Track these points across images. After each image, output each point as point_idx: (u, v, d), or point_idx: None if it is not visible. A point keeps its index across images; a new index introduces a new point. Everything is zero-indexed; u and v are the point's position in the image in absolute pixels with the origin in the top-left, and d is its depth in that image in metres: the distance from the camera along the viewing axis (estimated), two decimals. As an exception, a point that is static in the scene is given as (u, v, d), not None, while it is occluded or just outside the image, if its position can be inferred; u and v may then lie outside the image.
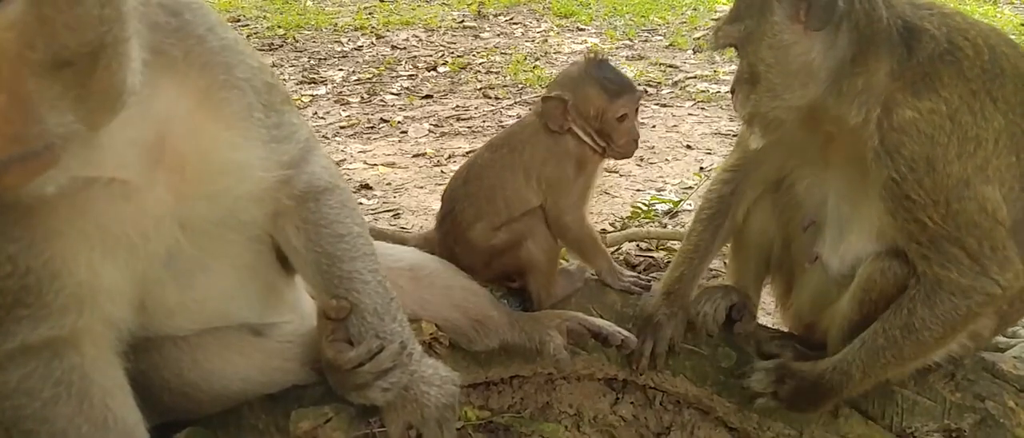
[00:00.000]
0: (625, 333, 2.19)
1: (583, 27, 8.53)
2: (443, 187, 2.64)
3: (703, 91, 6.37)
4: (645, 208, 4.11)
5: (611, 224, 4.01)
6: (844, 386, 1.95)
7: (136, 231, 1.48)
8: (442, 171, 4.89)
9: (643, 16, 8.89)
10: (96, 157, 1.35)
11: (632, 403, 2.36)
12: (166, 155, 1.47)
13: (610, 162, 5.39)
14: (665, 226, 4.01)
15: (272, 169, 1.62)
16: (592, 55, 2.38)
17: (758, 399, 2.09)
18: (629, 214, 4.07)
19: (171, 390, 1.71)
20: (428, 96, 6.45)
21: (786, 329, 2.38)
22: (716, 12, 8.56)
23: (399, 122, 5.81)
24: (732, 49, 2.00)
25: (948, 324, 1.83)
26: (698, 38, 7.80)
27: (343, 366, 1.63)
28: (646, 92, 6.51)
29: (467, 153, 5.21)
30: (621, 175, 4.82)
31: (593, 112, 2.26)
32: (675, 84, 6.66)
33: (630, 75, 7.33)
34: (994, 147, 1.78)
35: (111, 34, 1.20)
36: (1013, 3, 9.67)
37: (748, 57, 1.92)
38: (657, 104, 6.24)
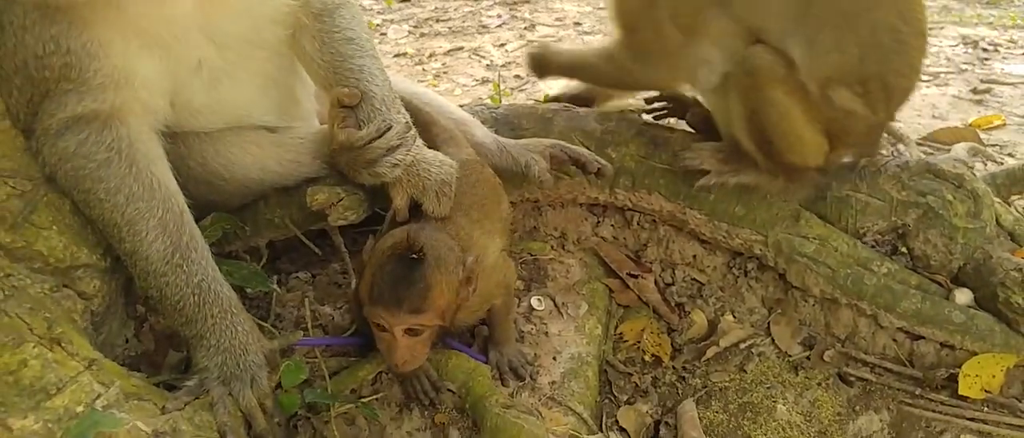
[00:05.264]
0: (602, 161, 2.38)
1: (563, -69, 8.47)
2: (426, 85, 2.64)
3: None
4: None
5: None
6: None
7: (168, 33, 1.68)
8: (424, 69, 4.96)
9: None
10: None
11: (612, 225, 2.58)
12: None
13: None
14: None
15: None
16: None
17: (700, 179, 2.32)
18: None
19: (196, 179, 1.89)
20: None
21: None
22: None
23: (378, 25, 5.85)
24: None
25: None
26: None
27: (355, 144, 1.79)
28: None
29: (449, 52, 5.28)
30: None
31: None
32: None
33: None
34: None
35: None
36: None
37: None
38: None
